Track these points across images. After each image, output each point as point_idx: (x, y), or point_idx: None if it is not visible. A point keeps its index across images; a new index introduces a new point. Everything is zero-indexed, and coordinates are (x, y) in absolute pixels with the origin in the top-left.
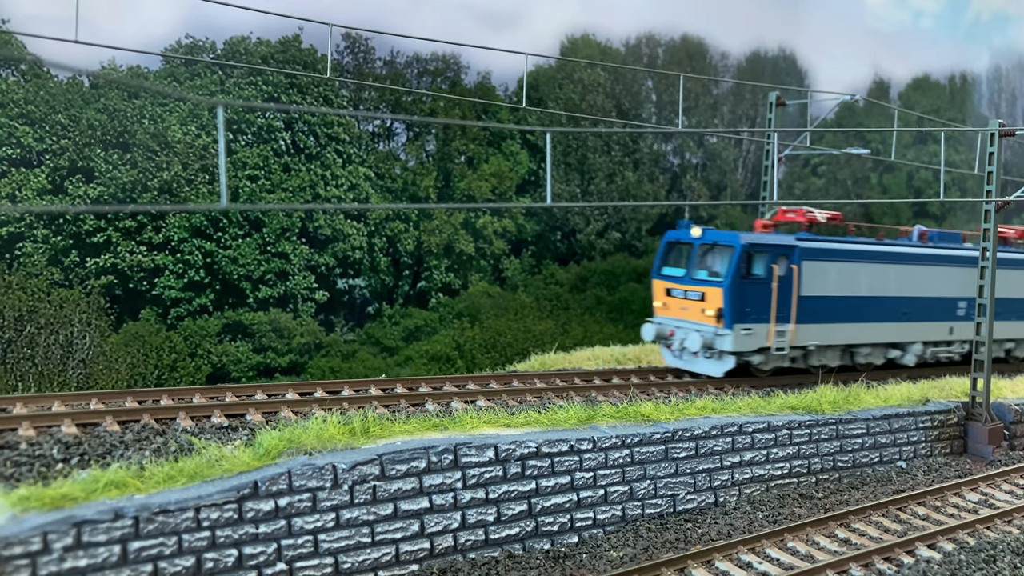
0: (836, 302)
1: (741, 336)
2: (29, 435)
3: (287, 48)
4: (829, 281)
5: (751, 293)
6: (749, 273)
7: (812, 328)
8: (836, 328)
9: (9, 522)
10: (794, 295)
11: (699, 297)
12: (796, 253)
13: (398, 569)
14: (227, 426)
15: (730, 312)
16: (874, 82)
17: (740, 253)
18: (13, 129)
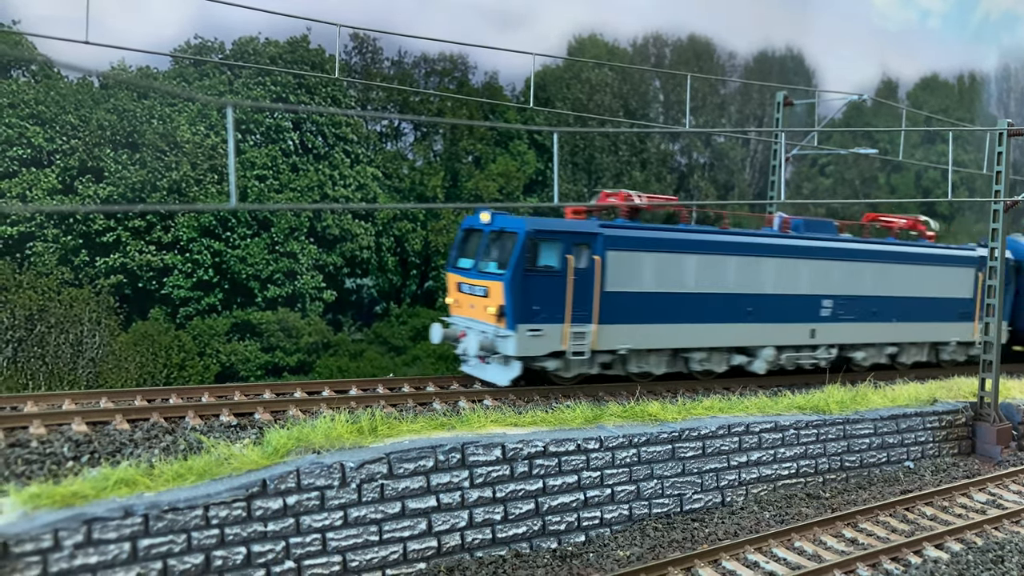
0: (655, 299)
1: (527, 338)
2: (40, 433)
3: (295, 48)
4: (645, 275)
5: (540, 288)
6: (537, 265)
7: (622, 329)
8: (655, 329)
9: (20, 519)
10: (596, 290)
11: (483, 293)
12: (599, 241)
13: (406, 567)
14: (236, 425)
15: (513, 310)
16: (882, 82)
17: (524, 241)
18: (24, 129)
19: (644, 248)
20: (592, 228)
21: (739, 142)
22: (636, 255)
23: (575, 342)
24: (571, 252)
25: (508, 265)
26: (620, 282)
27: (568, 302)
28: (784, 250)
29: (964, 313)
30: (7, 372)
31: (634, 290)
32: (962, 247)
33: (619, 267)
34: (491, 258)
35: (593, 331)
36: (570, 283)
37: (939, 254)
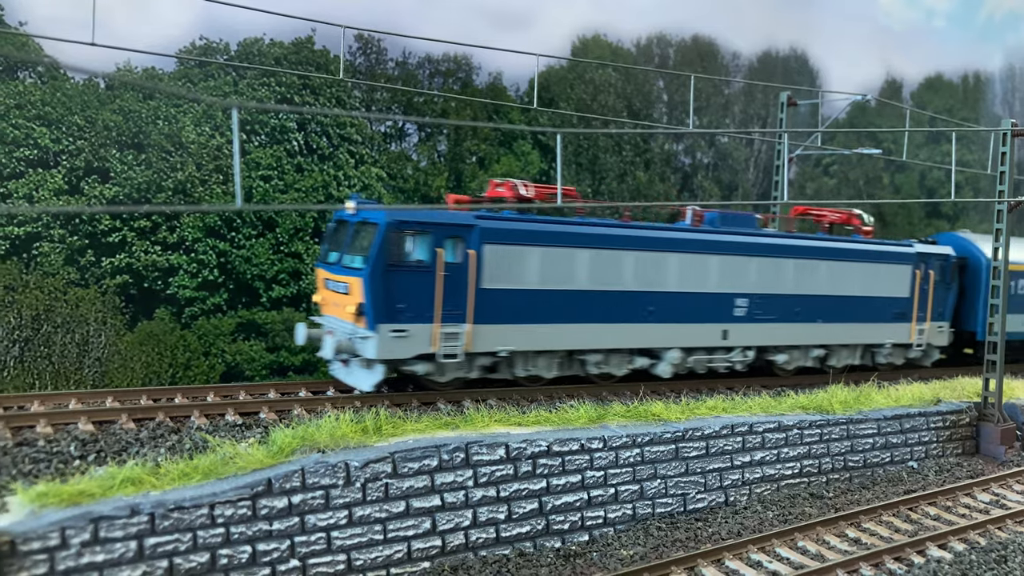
0: (541, 297)
1: (390, 339)
2: (47, 432)
3: (300, 49)
4: (529, 270)
5: (404, 285)
6: (401, 259)
7: (502, 329)
8: (542, 330)
9: (28, 517)
10: (471, 287)
11: (345, 290)
12: (475, 234)
13: (410, 566)
14: (241, 424)
15: (373, 308)
16: (886, 82)
17: (385, 233)
18: (31, 130)
19: (528, 242)
20: (466, 220)
21: (743, 142)
22: (518, 249)
23: (446, 344)
24: (441, 245)
25: (368, 260)
26: (499, 278)
27: (438, 300)
28: (689, 245)
29: (900, 313)
30: (14, 371)
31: (516, 287)
32: (899, 243)
33: (498, 262)
34: (354, 252)
35: (468, 332)
36: (440, 279)
37: (872, 250)
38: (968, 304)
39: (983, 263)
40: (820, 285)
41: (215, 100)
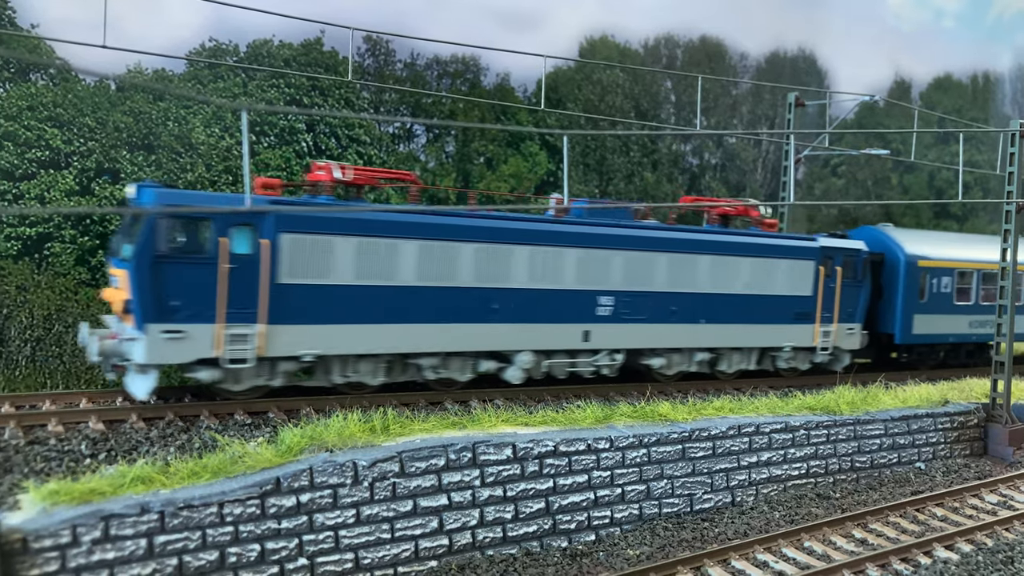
0: (356, 293)
1: (161, 341)
2: (58, 431)
3: (309, 51)
4: (340, 263)
5: (179, 278)
6: (175, 249)
7: (305, 331)
8: (357, 331)
9: (39, 515)
10: (264, 282)
11: (116, 283)
12: (268, 221)
13: (417, 565)
14: (250, 423)
15: (140, 305)
16: (895, 82)
17: (153, 220)
18: (42, 132)
19: (338, 231)
20: (256, 204)
21: (751, 143)
22: (326, 239)
23: (233, 347)
24: (225, 234)
25: (134, 249)
26: (302, 272)
27: (221, 297)
28: (541, 237)
29: (802, 314)
30: (26, 371)
31: (324, 282)
32: (801, 237)
33: (299, 253)
34: (129, 241)
35: (260, 333)
36: (223, 273)
37: (766, 244)
38: (886, 304)
39: (901, 260)
40: (702, 282)
41: (224, 102)
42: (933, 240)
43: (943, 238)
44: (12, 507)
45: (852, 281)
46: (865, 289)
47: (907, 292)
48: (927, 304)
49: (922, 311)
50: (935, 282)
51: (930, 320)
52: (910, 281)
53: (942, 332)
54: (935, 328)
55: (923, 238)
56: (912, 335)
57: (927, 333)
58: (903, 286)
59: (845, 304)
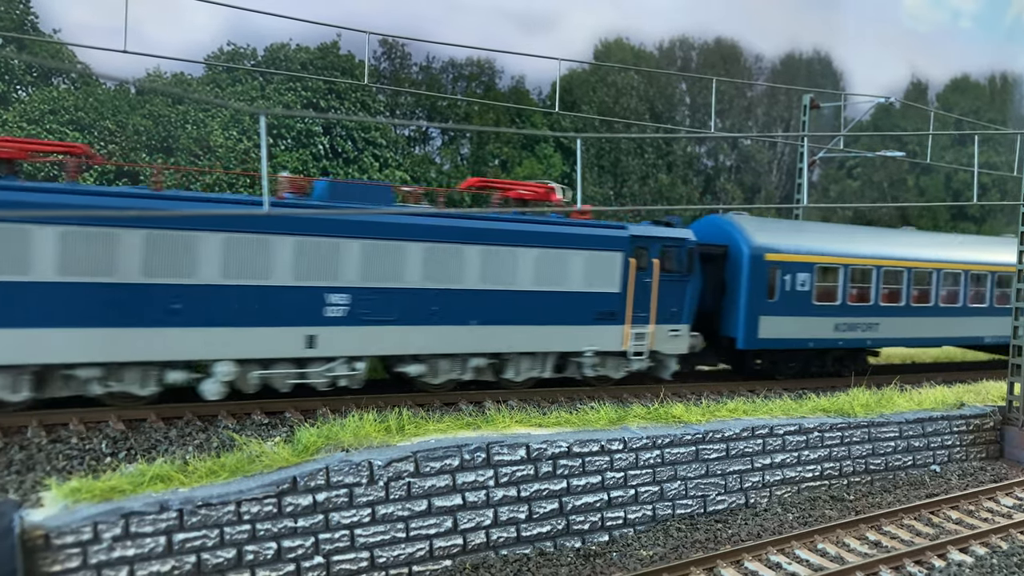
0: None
1: None
2: (79, 430)
3: (326, 54)
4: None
5: None
6: None
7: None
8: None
9: (62, 512)
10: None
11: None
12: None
13: (432, 564)
14: (267, 423)
15: None
16: (911, 83)
17: None
18: (64, 135)
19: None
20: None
21: (765, 145)
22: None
23: None
24: None
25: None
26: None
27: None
28: (239, 223)
29: (607, 313)
30: None
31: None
32: (606, 225)
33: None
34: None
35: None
36: None
37: (559, 233)
38: (729, 304)
39: (744, 253)
40: (472, 277)
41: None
42: (792, 231)
43: (810, 229)
44: (35, 504)
45: (676, 276)
46: (693, 285)
47: (752, 290)
48: (778, 304)
49: (771, 312)
50: (788, 279)
51: (782, 323)
52: (756, 277)
53: (798, 336)
54: (788, 332)
55: (780, 228)
56: (758, 339)
57: (778, 337)
58: (747, 283)
59: (666, 302)
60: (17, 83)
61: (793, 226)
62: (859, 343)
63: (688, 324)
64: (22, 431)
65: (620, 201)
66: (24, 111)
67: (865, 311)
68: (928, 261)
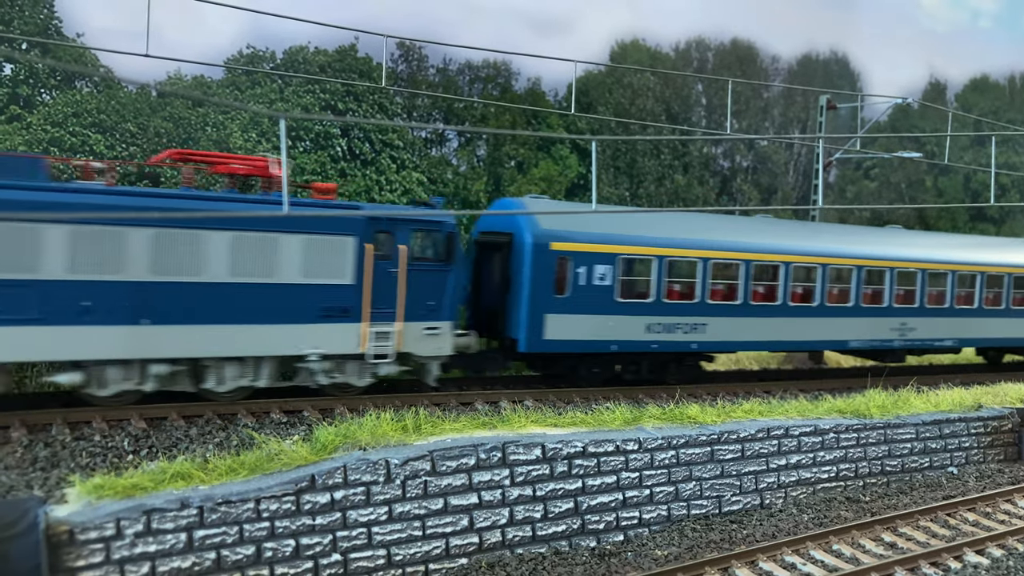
0: None
1: None
2: (102, 428)
3: (344, 57)
4: None
5: None
6: None
7: None
8: None
9: (85, 508)
10: None
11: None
12: None
13: (448, 562)
14: (285, 422)
15: None
16: (930, 84)
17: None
18: (87, 137)
19: None
20: None
21: (782, 146)
22: None
23: None
24: None
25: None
26: None
27: None
28: None
29: (336, 309)
30: None
31: None
32: (336, 205)
33: None
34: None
35: None
36: None
37: (267, 213)
38: (511, 300)
39: (527, 242)
40: (137, 267)
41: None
42: (594, 218)
43: (623, 217)
44: (59, 500)
45: (432, 265)
46: (457, 276)
47: (536, 284)
48: (570, 301)
49: (561, 310)
50: (584, 272)
51: (575, 322)
52: (540, 269)
53: (597, 338)
54: (584, 332)
55: (586, 215)
56: (544, 341)
57: (569, 339)
58: (529, 276)
59: (420, 296)
60: (41, 86)
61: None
62: (681, 346)
63: (451, 321)
64: (47, 428)
65: (635, 202)
66: (48, 114)
67: (687, 310)
68: (773, 252)
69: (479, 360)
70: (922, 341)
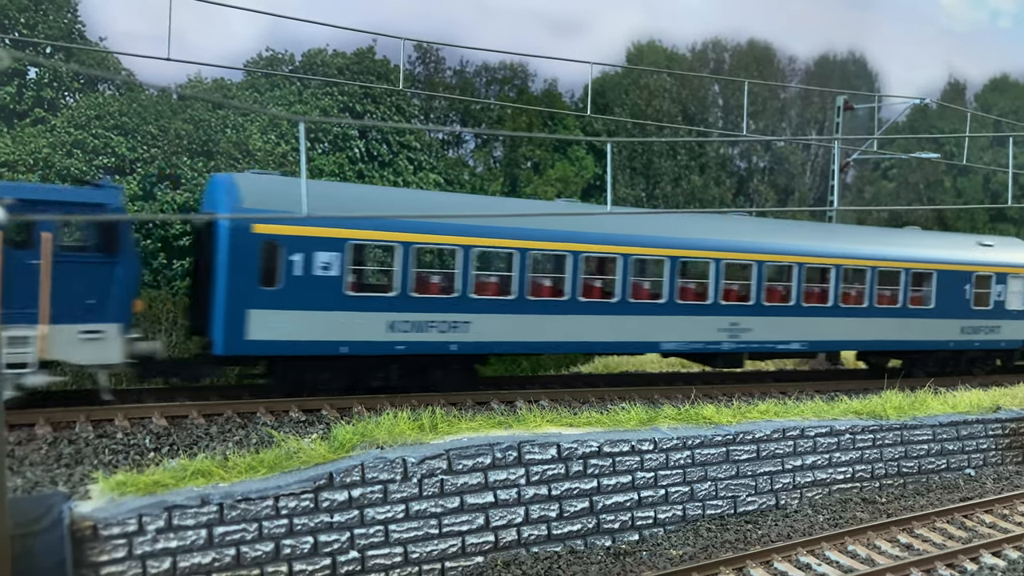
0: None
1: None
2: (124, 426)
3: (362, 59)
4: None
5: None
6: None
7: None
8: None
9: (108, 504)
10: None
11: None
12: None
13: (464, 560)
14: (304, 420)
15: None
16: (949, 84)
17: None
18: (109, 140)
19: None
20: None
21: (799, 146)
22: None
23: None
24: None
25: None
26: None
27: None
28: None
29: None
30: None
31: None
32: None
33: None
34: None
35: None
36: None
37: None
38: (212, 294)
39: (222, 224)
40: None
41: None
42: (323, 196)
43: (364, 194)
44: (83, 496)
45: (91, 256)
46: (127, 269)
47: (234, 274)
48: (282, 294)
49: (270, 305)
50: (299, 260)
51: (289, 319)
52: (240, 256)
53: (320, 339)
54: (301, 332)
55: (317, 192)
56: (246, 342)
57: (281, 339)
58: (226, 264)
59: (72, 293)
60: (65, 90)
61: (339, 189)
62: (437, 347)
63: (121, 323)
64: (71, 426)
65: (652, 203)
66: (71, 116)
67: (445, 305)
68: (559, 240)
69: (189, 368)
70: (760, 344)
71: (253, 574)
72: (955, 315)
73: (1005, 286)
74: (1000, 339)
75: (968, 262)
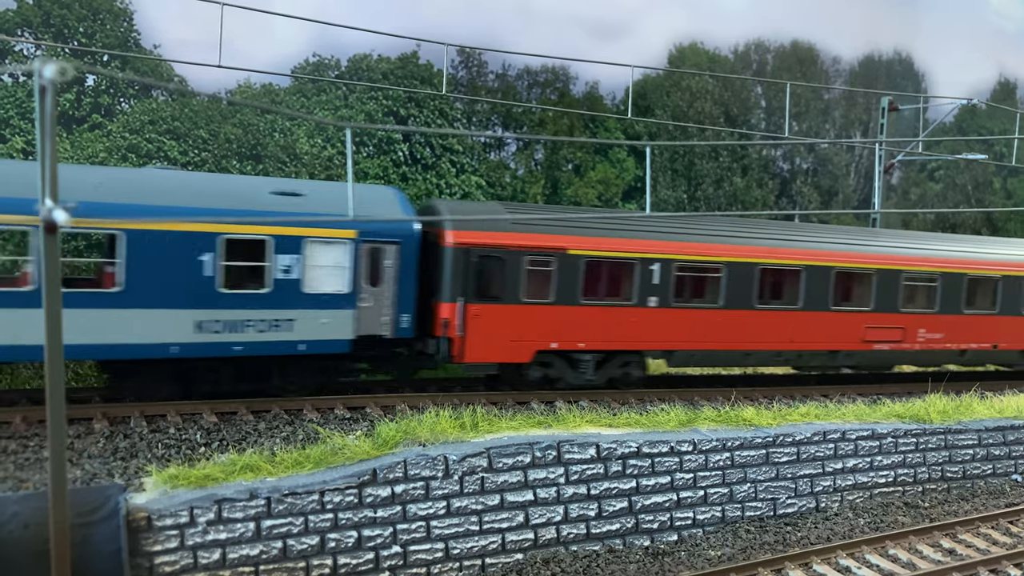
0: None
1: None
2: (176, 421)
3: (405, 64)
4: None
5: None
6: None
7: None
8: None
9: (161, 496)
10: None
11: None
12: None
13: (504, 557)
14: (349, 418)
15: None
16: (999, 83)
17: None
18: (162, 144)
19: None
20: None
21: (843, 147)
22: None
23: None
24: None
25: None
26: None
27: None
28: None
29: None
30: None
31: None
32: None
33: None
34: None
35: None
36: None
37: None
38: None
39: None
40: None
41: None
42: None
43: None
44: (138, 488)
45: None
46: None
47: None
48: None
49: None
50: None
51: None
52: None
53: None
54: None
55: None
56: None
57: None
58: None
59: None
60: (121, 96)
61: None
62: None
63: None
64: (126, 421)
65: (693, 204)
66: (127, 122)
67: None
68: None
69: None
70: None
71: (299, 567)
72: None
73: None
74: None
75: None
